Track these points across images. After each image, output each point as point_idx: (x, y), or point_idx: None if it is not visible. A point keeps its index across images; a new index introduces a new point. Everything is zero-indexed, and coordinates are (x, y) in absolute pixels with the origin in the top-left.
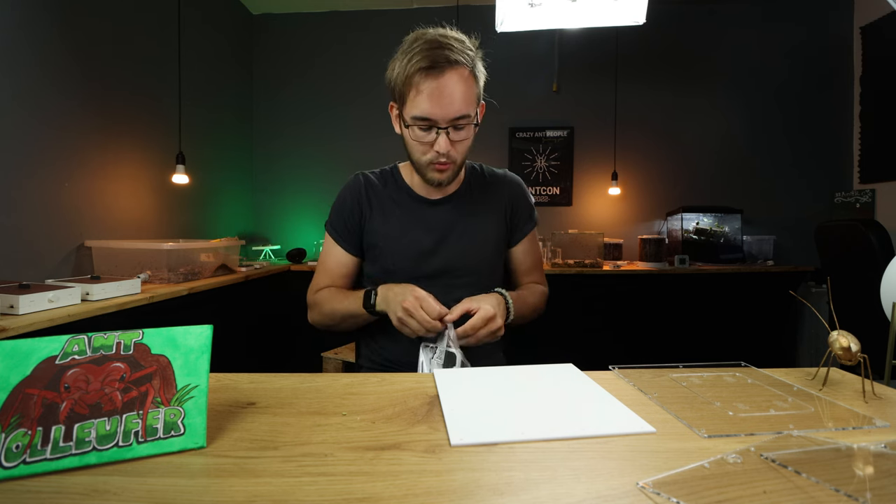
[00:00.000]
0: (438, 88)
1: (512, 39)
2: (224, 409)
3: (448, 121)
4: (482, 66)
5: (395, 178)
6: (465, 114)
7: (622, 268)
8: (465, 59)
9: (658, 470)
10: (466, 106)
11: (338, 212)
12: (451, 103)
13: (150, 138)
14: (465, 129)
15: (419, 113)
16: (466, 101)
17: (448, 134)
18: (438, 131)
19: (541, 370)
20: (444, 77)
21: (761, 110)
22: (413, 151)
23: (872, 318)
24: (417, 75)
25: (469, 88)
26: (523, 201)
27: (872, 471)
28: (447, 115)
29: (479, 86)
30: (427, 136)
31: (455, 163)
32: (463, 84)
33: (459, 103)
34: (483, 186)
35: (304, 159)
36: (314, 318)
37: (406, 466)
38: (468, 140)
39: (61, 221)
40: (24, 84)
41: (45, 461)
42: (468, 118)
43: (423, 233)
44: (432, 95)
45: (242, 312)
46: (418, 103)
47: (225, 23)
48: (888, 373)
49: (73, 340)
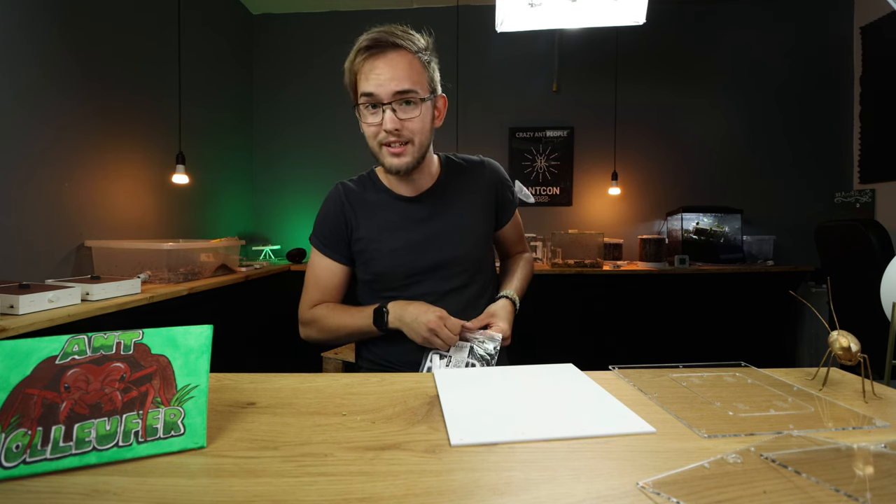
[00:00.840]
0: (378, 65)
1: (512, 39)
2: (224, 409)
3: (390, 95)
4: (435, 62)
5: (373, 182)
6: (409, 89)
7: (622, 268)
8: (409, 45)
9: (658, 470)
10: (411, 82)
11: (321, 223)
12: (391, 78)
13: (150, 138)
14: (414, 107)
15: (363, 90)
16: (410, 78)
17: (395, 112)
18: (384, 108)
19: (541, 370)
20: (384, 56)
21: (761, 110)
22: (368, 137)
23: (872, 318)
24: (359, 58)
25: (413, 68)
26: (504, 185)
27: (872, 471)
28: (389, 90)
29: (430, 73)
30: (374, 116)
31: (411, 143)
32: (405, 63)
33: (401, 78)
34: (460, 175)
35: (304, 159)
36: (310, 335)
37: (406, 466)
38: (419, 119)
39: (61, 221)
40: (24, 84)
41: (45, 461)
42: (413, 93)
43: (410, 231)
44: (372, 71)
45: (242, 312)
46: (361, 85)
47: (225, 23)
48: (888, 373)
49: (73, 340)
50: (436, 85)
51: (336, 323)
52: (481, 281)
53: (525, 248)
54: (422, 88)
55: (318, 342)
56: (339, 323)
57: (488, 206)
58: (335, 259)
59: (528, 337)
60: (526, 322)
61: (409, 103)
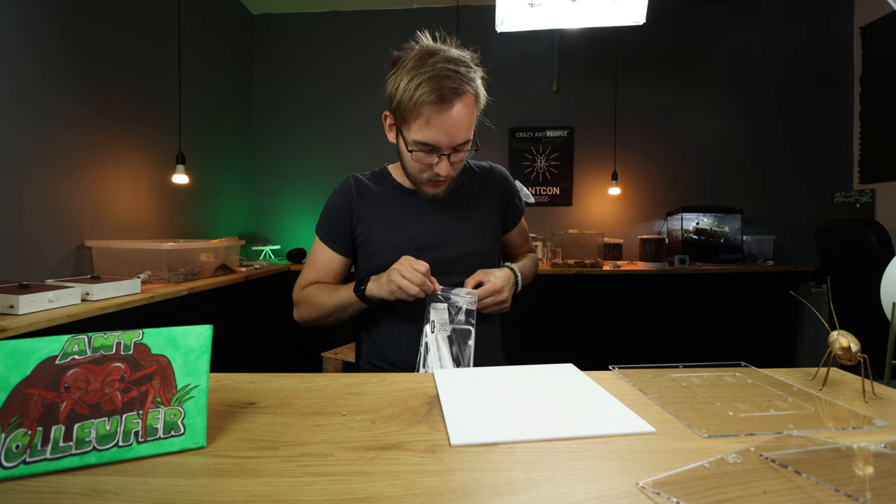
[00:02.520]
0: (445, 121)
1: (512, 39)
2: (224, 409)
3: (451, 147)
4: (481, 82)
5: (385, 178)
6: (466, 140)
7: (622, 268)
8: (471, 87)
9: (658, 470)
10: (468, 132)
11: (328, 214)
12: (456, 133)
13: (150, 138)
14: (464, 151)
15: (424, 139)
16: (469, 127)
17: (449, 158)
18: (440, 156)
19: (541, 370)
20: (451, 110)
21: (761, 110)
22: (411, 168)
23: (872, 318)
24: (426, 107)
25: (471, 114)
26: (513, 192)
27: (872, 471)
28: (451, 143)
29: (480, 105)
30: (428, 159)
31: (452, 178)
32: (467, 112)
33: (463, 132)
34: (473, 179)
35: (304, 159)
36: (301, 314)
37: (406, 466)
38: (465, 159)
39: (61, 221)
40: (25, 84)
41: (45, 461)
42: (469, 143)
43: (419, 227)
44: (438, 126)
45: (242, 312)
46: (424, 131)
47: (225, 23)
48: (888, 373)
49: (73, 340)
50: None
51: (322, 299)
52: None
53: (530, 248)
54: (473, 131)
55: (309, 322)
56: (324, 299)
57: (496, 208)
58: (335, 250)
59: (528, 337)
60: (526, 322)
61: (460, 151)
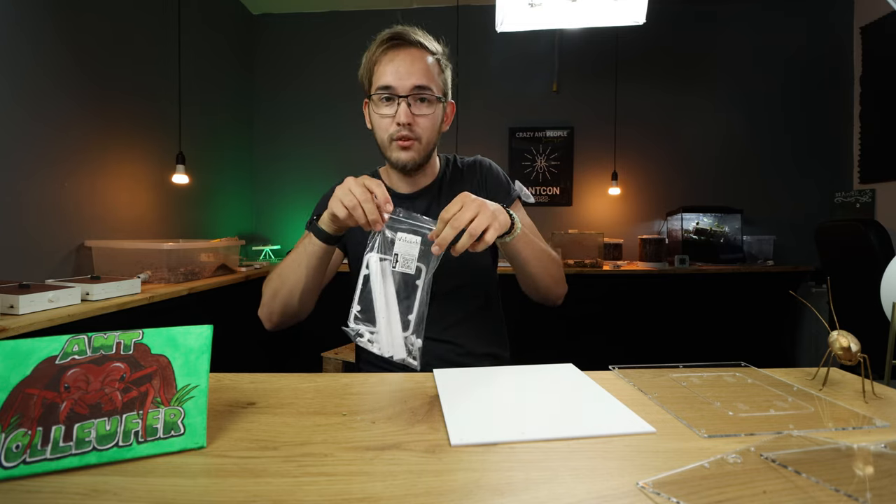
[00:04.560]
0: (399, 59)
1: (512, 39)
2: (224, 409)
3: (408, 89)
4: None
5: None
6: (426, 85)
7: (622, 268)
8: (430, 45)
9: (658, 470)
10: (427, 79)
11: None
12: (410, 73)
13: (150, 138)
14: (428, 105)
15: (380, 83)
16: (427, 75)
17: (409, 106)
18: (399, 101)
19: (541, 370)
20: (404, 50)
21: (761, 110)
22: (378, 129)
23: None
24: (379, 51)
25: (431, 68)
26: (497, 180)
27: (872, 471)
28: (407, 84)
29: (445, 77)
30: (389, 108)
31: (419, 140)
32: (423, 61)
33: (419, 75)
34: (458, 175)
35: (304, 159)
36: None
37: (406, 466)
38: (431, 117)
39: (61, 221)
40: (25, 84)
41: (45, 461)
42: (429, 91)
43: None
44: (392, 64)
45: (242, 312)
46: (380, 76)
47: (225, 23)
48: (888, 373)
49: (73, 340)
50: (448, 89)
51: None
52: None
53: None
54: (437, 89)
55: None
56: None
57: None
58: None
59: (528, 337)
60: (526, 322)
61: (424, 100)
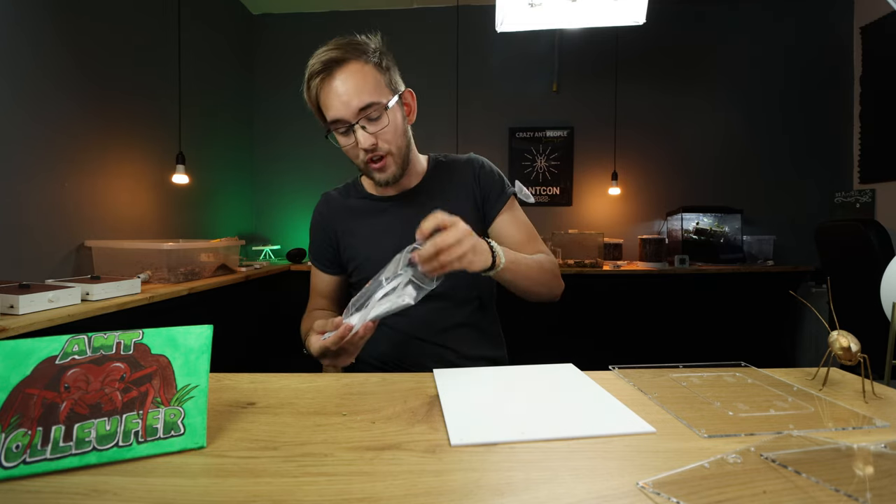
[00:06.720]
0: (334, 88)
1: (512, 39)
2: (224, 409)
3: (355, 114)
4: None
5: (356, 189)
6: (370, 102)
7: (622, 268)
8: (356, 55)
9: (658, 470)
10: (369, 94)
11: (311, 238)
12: (349, 98)
13: (150, 138)
14: (380, 119)
15: (330, 117)
16: (366, 90)
17: (364, 128)
18: (353, 128)
19: (541, 370)
20: (335, 76)
21: (761, 110)
22: (352, 160)
23: (872, 318)
24: (318, 87)
25: (366, 78)
26: (490, 177)
27: (872, 471)
28: (352, 109)
29: (387, 75)
30: (348, 138)
31: (391, 155)
32: (357, 76)
33: (359, 93)
34: (446, 174)
35: (304, 159)
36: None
37: (406, 466)
38: (391, 127)
39: (61, 221)
40: (25, 84)
41: (45, 461)
42: (376, 105)
43: (392, 232)
44: (331, 96)
45: (242, 312)
46: (326, 109)
47: (225, 23)
48: (888, 373)
49: (73, 340)
50: (397, 84)
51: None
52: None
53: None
54: (382, 96)
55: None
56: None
57: (474, 201)
58: (324, 270)
59: (527, 337)
60: (526, 322)
61: (375, 118)
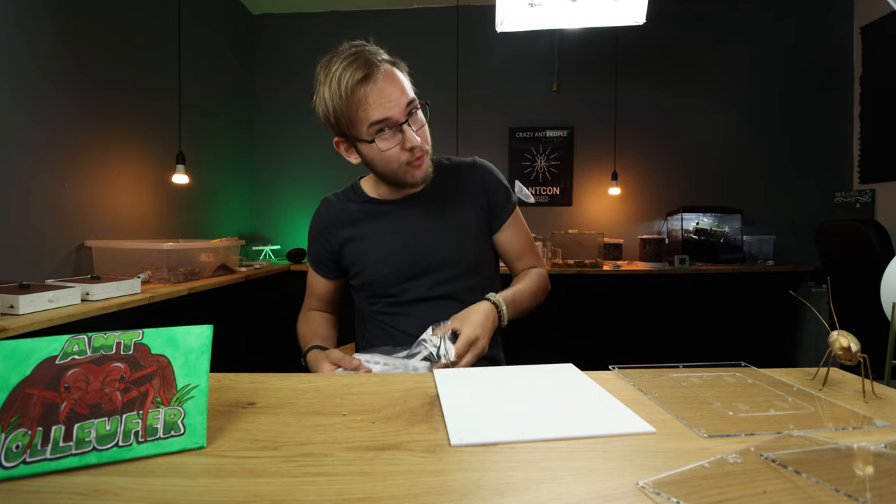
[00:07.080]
0: (382, 89)
1: (512, 39)
2: (224, 409)
3: (403, 112)
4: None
5: (356, 192)
6: (412, 98)
7: (622, 268)
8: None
9: (658, 470)
10: (410, 90)
11: (310, 242)
12: (398, 96)
13: (150, 138)
14: (419, 114)
15: (372, 119)
16: (406, 88)
17: (410, 126)
18: (401, 127)
19: (541, 370)
20: (380, 76)
21: (761, 110)
22: (387, 164)
23: (872, 318)
24: (359, 89)
25: (402, 78)
26: (497, 186)
27: (872, 471)
28: (400, 107)
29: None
30: (394, 139)
31: (426, 153)
32: (395, 76)
33: (403, 92)
34: (451, 177)
35: (304, 159)
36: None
37: (406, 466)
38: (426, 126)
39: (61, 221)
40: (25, 84)
41: (45, 461)
42: (416, 101)
43: (395, 236)
44: (381, 97)
45: (242, 312)
46: (368, 112)
47: (225, 23)
48: (888, 373)
49: (73, 340)
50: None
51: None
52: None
53: (536, 262)
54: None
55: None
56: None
57: (480, 208)
58: (322, 275)
59: (527, 337)
60: (526, 322)
61: (415, 112)
